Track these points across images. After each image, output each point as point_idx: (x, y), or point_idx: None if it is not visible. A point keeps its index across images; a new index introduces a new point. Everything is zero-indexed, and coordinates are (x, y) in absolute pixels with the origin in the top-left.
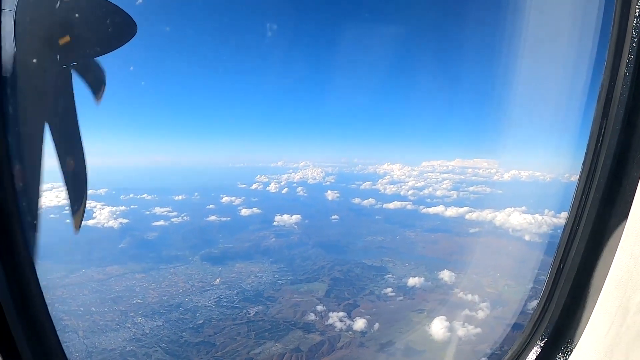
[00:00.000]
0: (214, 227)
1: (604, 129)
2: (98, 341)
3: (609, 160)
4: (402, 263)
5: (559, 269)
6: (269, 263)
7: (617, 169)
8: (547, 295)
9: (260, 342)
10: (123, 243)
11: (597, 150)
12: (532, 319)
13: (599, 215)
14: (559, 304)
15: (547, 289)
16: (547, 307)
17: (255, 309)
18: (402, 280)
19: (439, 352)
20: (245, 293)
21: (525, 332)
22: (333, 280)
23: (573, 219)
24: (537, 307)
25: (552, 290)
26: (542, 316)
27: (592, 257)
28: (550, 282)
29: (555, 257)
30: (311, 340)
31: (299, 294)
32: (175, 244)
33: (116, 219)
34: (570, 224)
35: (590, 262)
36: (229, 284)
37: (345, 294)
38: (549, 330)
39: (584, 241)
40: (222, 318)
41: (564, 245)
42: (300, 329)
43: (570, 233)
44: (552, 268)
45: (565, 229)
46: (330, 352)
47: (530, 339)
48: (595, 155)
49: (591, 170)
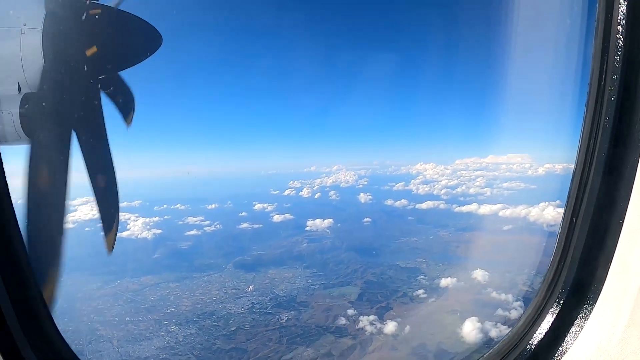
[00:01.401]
0: (246, 234)
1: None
2: (132, 350)
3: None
4: (436, 264)
5: (571, 224)
6: (302, 268)
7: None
8: (562, 252)
9: (291, 347)
10: (157, 253)
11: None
12: (547, 280)
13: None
14: (574, 260)
15: (561, 246)
16: (563, 265)
17: (287, 314)
18: (434, 282)
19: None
20: (278, 299)
21: (541, 294)
22: (366, 283)
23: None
24: (551, 265)
25: (565, 246)
26: (558, 274)
27: (605, 209)
28: (563, 238)
29: (566, 211)
30: (343, 344)
31: (331, 298)
32: (209, 253)
33: (150, 230)
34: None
35: (604, 216)
36: (262, 291)
37: (378, 296)
38: (566, 291)
39: (594, 192)
40: (254, 324)
41: (574, 197)
42: (332, 334)
43: (580, 184)
44: (564, 223)
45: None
46: (362, 356)
47: (547, 301)
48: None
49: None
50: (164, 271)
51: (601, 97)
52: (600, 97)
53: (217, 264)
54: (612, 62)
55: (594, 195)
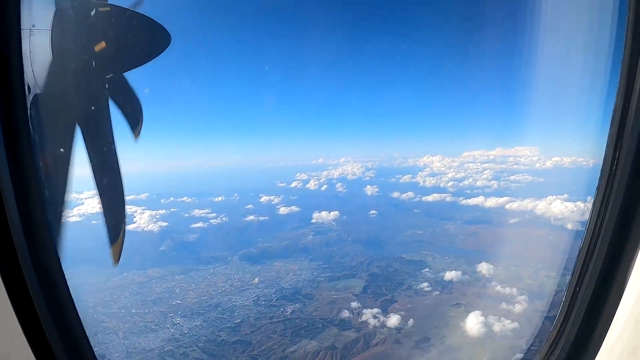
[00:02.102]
0: (252, 226)
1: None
2: (137, 342)
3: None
4: (442, 256)
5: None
6: (307, 261)
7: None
8: (569, 302)
9: (295, 340)
10: (163, 246)
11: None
12: (555, 327)
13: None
14: (579, 313)
15: (569, 295)
16: (569, 316)
17: (292, 307)
18: (439, 275)
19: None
20: (284, 291)
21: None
22: (371, 276)
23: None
24: (559, 314)
25: (573, 296)
26: (565, 323)
27: (614, 263)
28: (572, 287)
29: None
30: (346, 337)
31: (336, 290)
32: (215, 245)
33: (156, 223)
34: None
35: (612, 269)
36: (267, 283)
37: (382, 289)
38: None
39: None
40: (259, 317)
41: (585, 248)
42: (336, 326)
43: (592, 237)
44: (574, 274)
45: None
46: (365, 349)
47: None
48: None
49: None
50: (170, 263)
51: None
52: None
53: (222, 256)
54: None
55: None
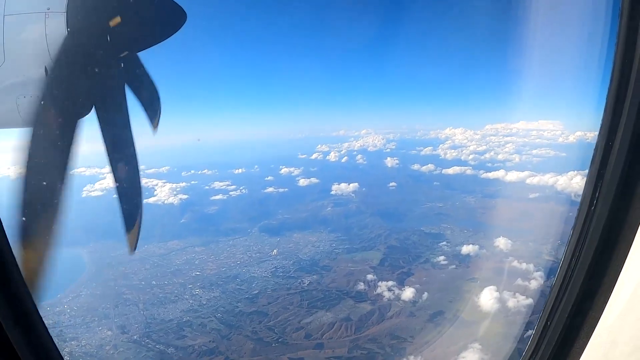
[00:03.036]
0: (272, 198)
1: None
2: (157, 313)
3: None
4: (460, 230)
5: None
6: (326, 232)
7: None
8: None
9: (311, 311)
10: (183, 218)
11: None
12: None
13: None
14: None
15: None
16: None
17: (309, 278)
18: (456, 248)
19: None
20: (302, 263)
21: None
22: (389, 248)
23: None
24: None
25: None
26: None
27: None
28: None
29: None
30: (362, 309)
31: (353, 262)
32: (235, 217)
33: (176, 196)
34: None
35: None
36: (286, 255)
37: (400, 262)
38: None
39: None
40: (276, 288)
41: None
42: (351, 298)
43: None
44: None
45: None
46: (380, 322)
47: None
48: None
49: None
50: (190, 236)
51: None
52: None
53: (242, 228)
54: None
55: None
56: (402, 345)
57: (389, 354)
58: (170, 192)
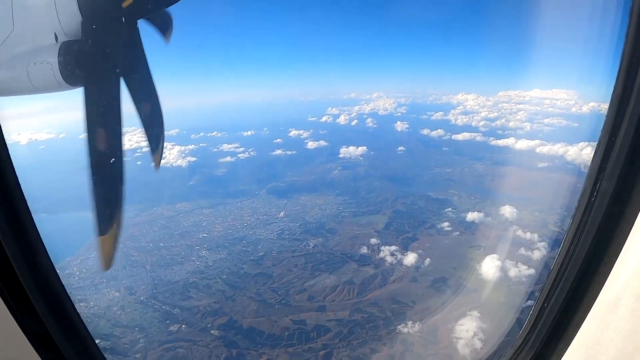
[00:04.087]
0: (280, 161)
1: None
2: (164, 274)
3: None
4: (468, 196)
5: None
6: (333, 195)
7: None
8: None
9: (315, 274)
10: (192, 180)
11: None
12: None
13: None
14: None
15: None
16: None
17: (315, 241)
18: (461, 215)
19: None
20: (308, 225)
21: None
22: (395, 212)
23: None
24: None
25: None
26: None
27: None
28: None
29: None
30: (365, 273)
31: (359, 226)
32: (243, 179)
33: (184, 158)
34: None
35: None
36: (292, 217)
37: (405, 227)
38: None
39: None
40: (282, 250)
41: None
42: (355, 262)
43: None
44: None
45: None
46: (382, 286)
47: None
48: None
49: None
50: (198, 198)
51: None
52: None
53: (250, 190)
54: None
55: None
56: (402, 310)
57: (390, 319)
58: (179, 154)
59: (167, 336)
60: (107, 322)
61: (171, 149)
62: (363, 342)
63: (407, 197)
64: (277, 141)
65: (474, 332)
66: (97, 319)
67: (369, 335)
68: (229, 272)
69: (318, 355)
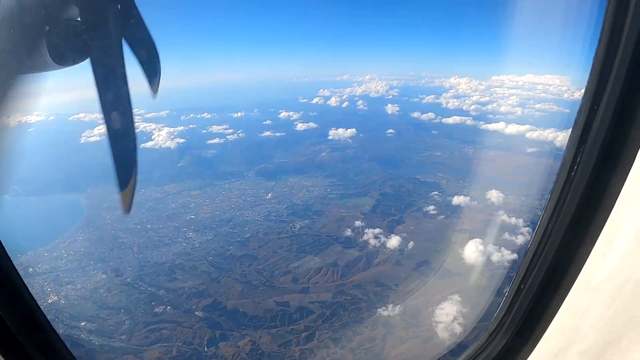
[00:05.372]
0: (269, 142)
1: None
2: (151, 256)
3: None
4: (456, 180)
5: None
6: (322, 177)
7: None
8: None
9: (300, 255)
10: (181, 162)
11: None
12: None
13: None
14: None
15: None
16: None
17: (301, 223)
18: (447, 199)
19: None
20: (295, 207)
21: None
22: (382, 195)
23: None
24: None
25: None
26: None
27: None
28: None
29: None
30: (349, 255)
31: (346, 208)
32: (231, 161)
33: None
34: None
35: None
36: (280, 199)
37: (392, 209)
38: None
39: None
40: (268, 232)
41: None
42: (340, 244)
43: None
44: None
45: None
46: (366, 269)
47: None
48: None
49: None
50: (187, 179)
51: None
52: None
53: (239, 171)
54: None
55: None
56: (385, 293)
57: (372, 301)
58: (168, 136)
59: (152, 317)
60: (93, 304)
61: (160, 130)
62: (345, 324)
63: (395, 180)
64: (266, 123)
65: (454, 316)
66: (83, 301)
67: (351, 318)
68: (215, 254)
69: (300, 337)
